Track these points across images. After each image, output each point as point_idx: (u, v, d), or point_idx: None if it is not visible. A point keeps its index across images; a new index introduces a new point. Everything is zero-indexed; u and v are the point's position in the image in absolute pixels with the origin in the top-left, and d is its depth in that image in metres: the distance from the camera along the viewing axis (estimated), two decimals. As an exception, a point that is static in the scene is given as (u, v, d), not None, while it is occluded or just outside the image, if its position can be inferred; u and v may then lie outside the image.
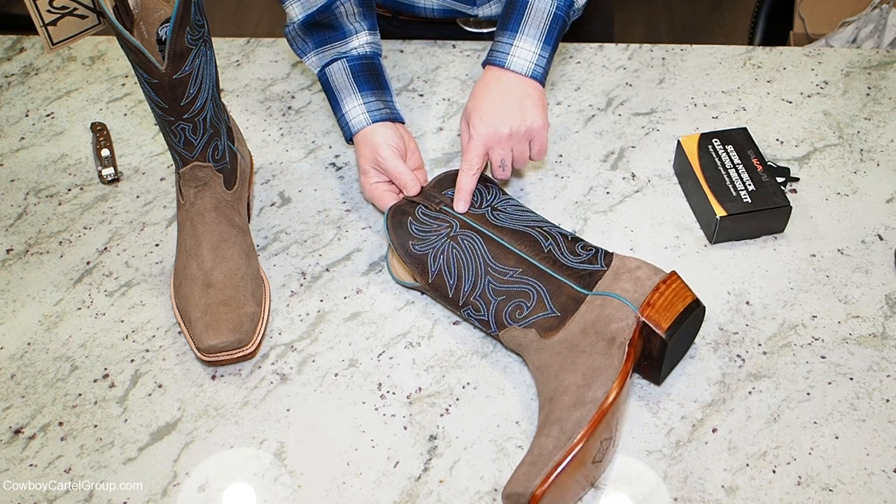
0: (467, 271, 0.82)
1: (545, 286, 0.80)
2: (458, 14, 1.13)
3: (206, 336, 0.81)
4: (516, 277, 0.81)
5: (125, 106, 1.13)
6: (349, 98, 0.96)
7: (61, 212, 1.00)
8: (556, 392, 0.74)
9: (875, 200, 0.96)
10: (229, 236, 0.87)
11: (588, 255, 0.82)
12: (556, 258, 0.81)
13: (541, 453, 0.70)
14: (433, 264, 0.83)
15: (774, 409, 0.79)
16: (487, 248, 0.83)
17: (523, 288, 0.80)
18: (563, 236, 0.84)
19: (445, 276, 0.83)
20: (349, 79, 0.97)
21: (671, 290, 0.77)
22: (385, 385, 0.83)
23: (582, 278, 0.80)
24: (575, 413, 0.71)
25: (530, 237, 0.83)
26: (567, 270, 0.81)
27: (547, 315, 0.78)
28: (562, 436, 0.70)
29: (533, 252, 0.82)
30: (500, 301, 0.80)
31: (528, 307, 0.79)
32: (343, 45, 0.98)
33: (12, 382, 0.85)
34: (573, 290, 0.79)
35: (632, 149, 1.03)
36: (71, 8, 0.86)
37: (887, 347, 0.83)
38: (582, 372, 0.73)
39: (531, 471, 0.69)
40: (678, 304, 0.77)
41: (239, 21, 2.78)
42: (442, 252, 0.84)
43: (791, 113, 1.06)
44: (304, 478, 0.76)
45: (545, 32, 0.90)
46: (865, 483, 0.74)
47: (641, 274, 0.79)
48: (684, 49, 1.15)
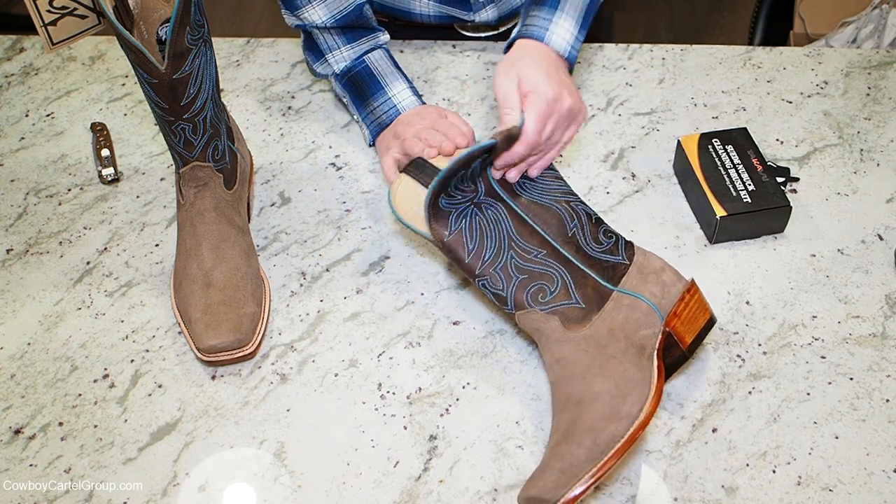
0: (490, 240, 0.78)
1: (570, 274, 0.77)
2: (454, 20, 1.13)
3: (206, 336, 0.81)
4: (540, 259, 0.78)
5: (125, 106, 1.13)
6: (396, 82, 0.99)
7: (61, 212, 1.00)
8: (585, 395, 0.72)
9: (875, 200, 0.96)
10: (229, 236, 0.87)
11: (609, 243, 0.80)
12: (580, 245, 0.79)
13: (572, 463, 0.68)
14: (454, 224, 0.78)
15: (774, 409, 0.79)
16: (512, 222, 0.79)
17: (547, 271, 0.77)
18: (588, 216, 0.81)
19: (465, 239, 0.78)
20: (392, 65, 1.01)
21: (694, 300, 0.77)
22: (385, 385, 0.83)
23: (605, 270, 0.78)
24: (610, 426, 0.69)
25: (556, 214, 0.80)
26: (590, 261, 0.78)
27: (571, 305, 0.76)
28: (595, 448, 0.68)
29: (557, 234, 0.79)
30: (522, 279, 0.77)
31: (551, 292, 0.77)
32: (375, 39, 1.03)
33: (12, 382, 0.85)
34: (598, 283, 0.77)
35: (632, 149, 1.03)
36: (71, 8, 0.86)
37: (887, 347, 0.83)
38: (614, 381, 0.72)
39: (561, 479, 0.67)
40: (700, 319, 0.77)
41: (239, 21, 2.78)
42: (465, 215, 0.79)
43: (791, 113, 1.06)
44: (304, 478, 0.76)
45: (583, 15, 0.88)
46: (865, 483, 0.74)
47: (667, 278, 0.78)
48: (684, 49, 1.16)
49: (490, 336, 0.86)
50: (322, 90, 1.13)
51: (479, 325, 0.87)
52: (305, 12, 0.97)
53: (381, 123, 0.99)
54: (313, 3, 0.97)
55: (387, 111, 0.98)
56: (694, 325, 0.76)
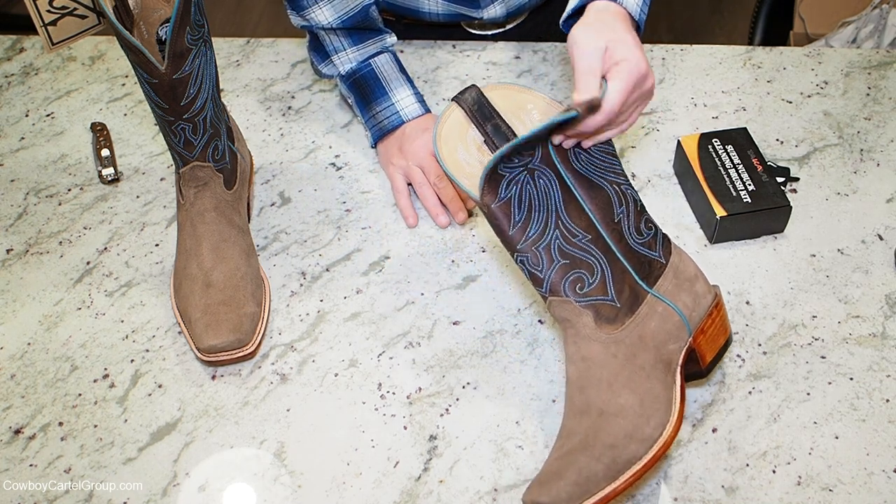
0: (538, 214, 0.73)
1: (610, 266, 0.74)
2: (462, 17, 1.13)
3: (206, 336, 0.81)
4: (584, 244, 0.73)
5: (125, 106, 1.13)
6: (400, 88, 0.99)
7: (61, 212, 1.00)
8: (609, 407, 0.71)
9: (875, 200, 0.96)
10: (229, 236, 0.87)
11: (649, 235, 0.76)
12: (623, 233, 0.75)
13: (589, 478, 0.67)
14: (504, 191, 0.72)
15: (774, 409, 0.79)
16: (562, 196, 0.74)
17: (588, 259, 0.73)
18: (635, 202, 0.76)
19: (513, 209, 0.72)
20: (398, 70, 1.01)
21: (719, 317, 0.76)
22: (385, 385, 0.83)
23: (642, 266, 0.75)
24: (631, 446, 0.68)
25: (606, 196, 0.75)
26: (630, 253, 0.75)
27: (606, 301, 0.73)
28: (613, 466, 0.68)
29: (604, 217, 0.75)
30: (563, 264, 0.73)
31: (589, 283, 0.73)
32: (382, 41, 1.02)
33: (12, 382, 0.85)
34: (634, 282, 0.74)
35: (632, 149, 1.03)
36: (71, 8, 0.86)
37: (887, 347, 0.83)
38: (640, 397, 0.71)
39: (575, 492, 0.67)
40: (720, 338, 0.76)
41: (239, 21, 2.78)
42: (517, 182, 0.72)
43: (791, 113, 1.06)
44: (304, 478, 0.76)
45: None
46: (865, 483, 0.74)
47: (699, 289, 0.76)
48: (684, 49, 1.16)
49: (490, 336, 0.86)
50: (322, 90, 1.13)
51: (479, 325, 0.87)
52: (312, 13, 0.97)
53: (382, 129, 0.99)
54: (320, 4, 0.96)
55: (389, 117, 0.98)
56: (715, 343, 0.76)
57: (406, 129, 0.98)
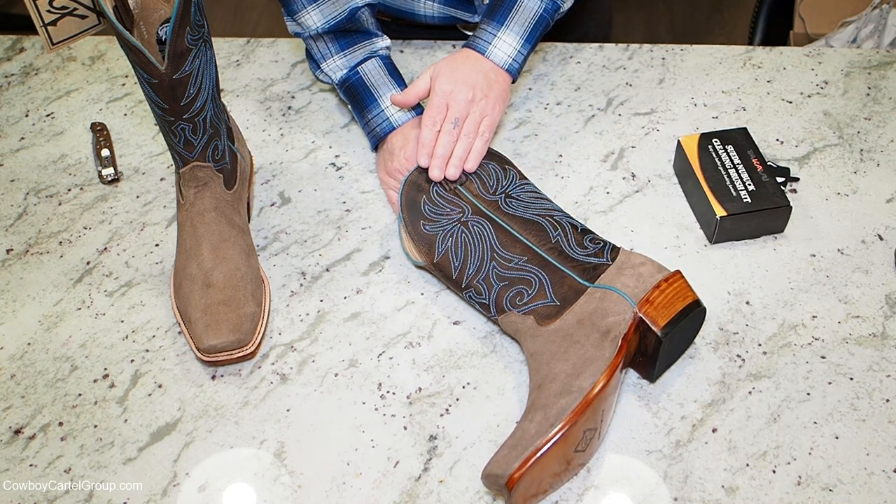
0: (473, 255, 0.83)
1: (548, 275, 0.80)
2: (457, 21, 1.13)
3: (206, 336, 0.81)
4: (521, 265, 0.82)
5: (125, 106, 1.13)
6: (388, 93, 0.99)
7: (61, 212, 1.00)
8: (545, 379, 0.74)
9: (875, 200, 0.96)
10: (229, 236, 0.87)
11: (595, 248, 0.82)
12: (563, 249, 0.82)
13: (522, 437, 0.70)
14: (441, 245, 0.85)
15: (774, 409, 0.79)
16: (496, 234, 0.84)
17: (526, 276, 0.81)
18: (574, 227, 0.84)
19: (451, 258, 0.84)
20: (386, 75, 1.01)
21: (672, 288, 0.77)
22: (385, 385, 0.83)
23: (586, 271, 0.80)
24: (560, 401, 0.71)
25: (540, 226, 0.84)
26: (572, 262, 0.81)
27: (546, 304, 0.79)
28: (545, 422, 0.70)
29: (540, 241, 0.83)
30: (502, 286, 0.81)
31: (528, 294, 0.80)
32: (371, 45, 1.02)
33: (12, 382, 0.85)
34: (575, 282, 0.80)
35: (632, 149, 1.03)
36: (71, 8, 0.86)
37: (887, 347, 0.83)
38: (573, 361, 0.74)
39: (511, 453, 0.69)
40: (678, 303, 0.77)
41: (239, 21, 2.78)
42: (451, 235, 0.85)
43: (791, 113, 1.06)
44: (304, 478, 0.76)
45: (529, 31, 0.94)
46: (865, 483, 0.74)
47: (644, 270, 0.79)
48: (684, 49, 1.16)
49: (490, 336, 0.86)
50: (322, 90, 1.13)
51: (479, 325, 0.87)
52: (302, 17, 0.98)
53: (376, 135, 0.99)
54: (308, 8, 0.97)
55: (380, 124, 0.98)
56: (669, 309, 0.76)
57: (394, 137, 0.97)
